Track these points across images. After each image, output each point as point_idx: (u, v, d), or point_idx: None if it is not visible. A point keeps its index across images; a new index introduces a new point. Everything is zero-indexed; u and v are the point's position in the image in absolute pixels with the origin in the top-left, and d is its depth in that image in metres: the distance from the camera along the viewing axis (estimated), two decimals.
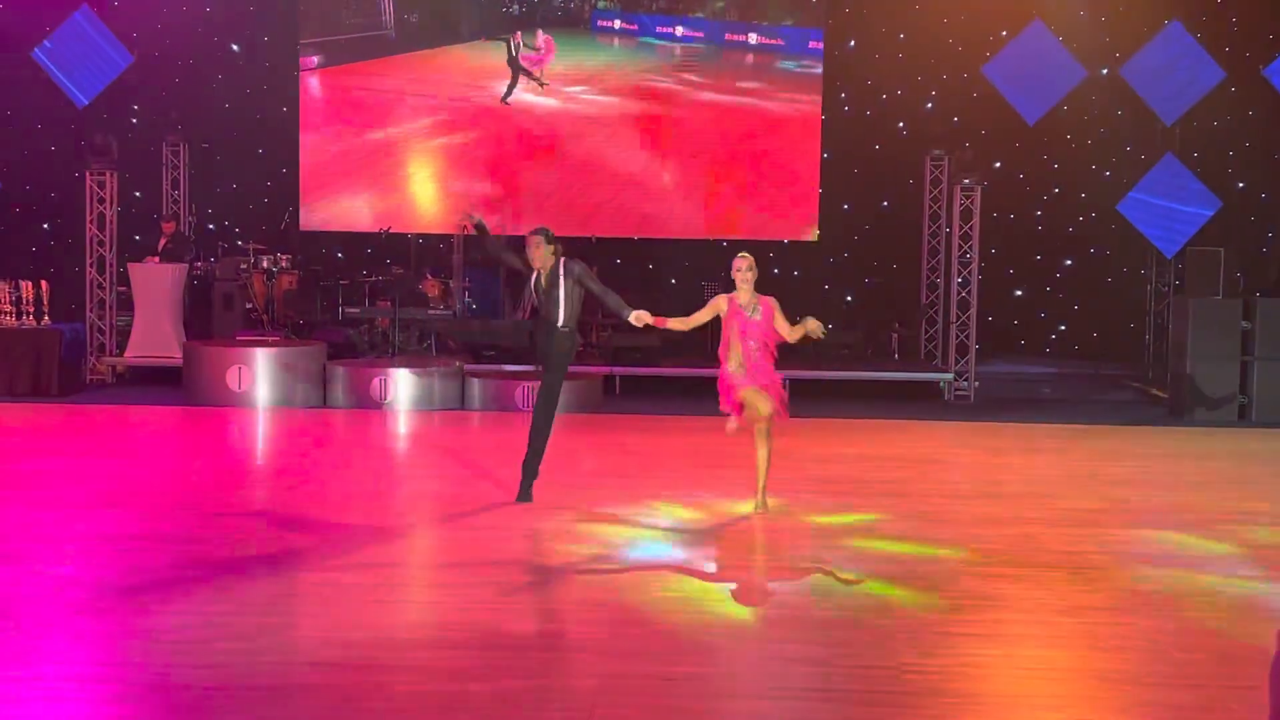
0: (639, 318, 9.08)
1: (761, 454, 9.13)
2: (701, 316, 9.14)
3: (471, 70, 18.79)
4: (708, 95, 18.75)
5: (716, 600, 7.15)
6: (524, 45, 18.62)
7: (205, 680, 5.65)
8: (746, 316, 8.96)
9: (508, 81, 18.62)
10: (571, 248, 9.68)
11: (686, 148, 18.69)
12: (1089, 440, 13.29)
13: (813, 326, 8.89)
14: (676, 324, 9.15)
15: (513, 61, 18.65)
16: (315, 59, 18.77)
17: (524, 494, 9.40)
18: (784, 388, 9.20)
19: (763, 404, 8.86)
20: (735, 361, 8.99)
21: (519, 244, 9.56)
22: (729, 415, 9.14)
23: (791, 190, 18.68)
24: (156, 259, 16.62)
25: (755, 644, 6.45)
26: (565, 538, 8.50)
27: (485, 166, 18.76)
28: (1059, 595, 7.33)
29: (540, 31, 18.66)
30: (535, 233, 9.30)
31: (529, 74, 18.59)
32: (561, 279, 9.17)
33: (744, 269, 8.97)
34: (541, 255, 9.22)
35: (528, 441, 9.42)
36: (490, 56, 18.72)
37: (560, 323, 9.21)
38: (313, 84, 18.80)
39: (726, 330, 9.02)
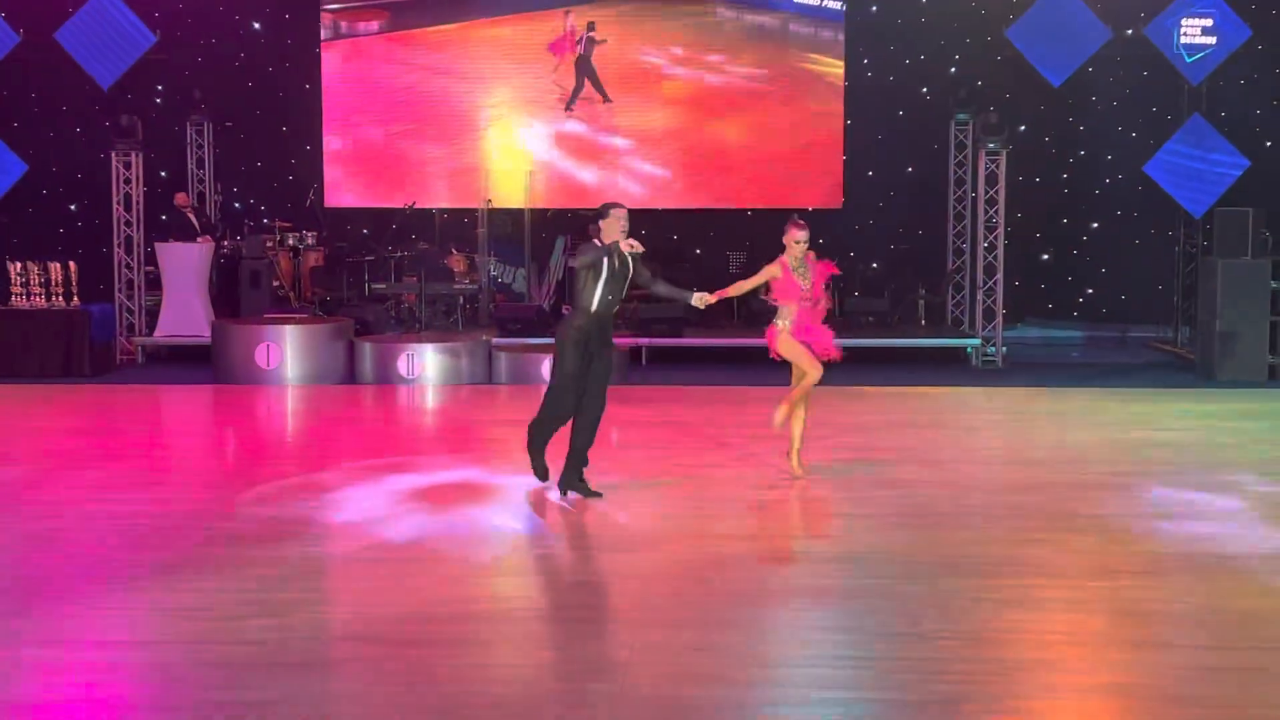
0: (701, 299, 8.84)
1: (801, 418, 9.15)
2: (755, 281, 9.11)
3: (499, 39, 18.81)
4: (729, 62, 18.67)
5: (747, 570, 7.17)
6: (594, 40, 18.49)
7: (239, 656, 5.70)
8: (797, 279, 8.97)
9: (574, 86, 18.62)
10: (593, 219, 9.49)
11: (709, 116, 18.65)
12: (1118, 403, 13.24)
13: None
14: (734, 290, 9.11)
15: (582, 62, 18.52)
16: (343, 24, 18.80)
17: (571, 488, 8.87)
18: (835, 346, 9.14)
19: (811, 369, 8.96)
20: (785, 320, 8.99)
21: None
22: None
23: (815, 157, 18.63)
24: (208, 238, 16.74)
25: (786, 613, 6.47)
26: (595, 510, 8.53)
27: (509, 135, 18.77)
28: (1090, 559, 7.33)
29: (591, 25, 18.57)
30: (620, 206, 8.68)
31: (597, 85, 18.47)
32: (629, 261, 8.52)
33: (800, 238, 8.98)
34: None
35: (581, 434, 8.73)
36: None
37: (616, 307, 8.76)
38: (336, 55, 18.82)
39: (779, 292, 9.00)
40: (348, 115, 18.88)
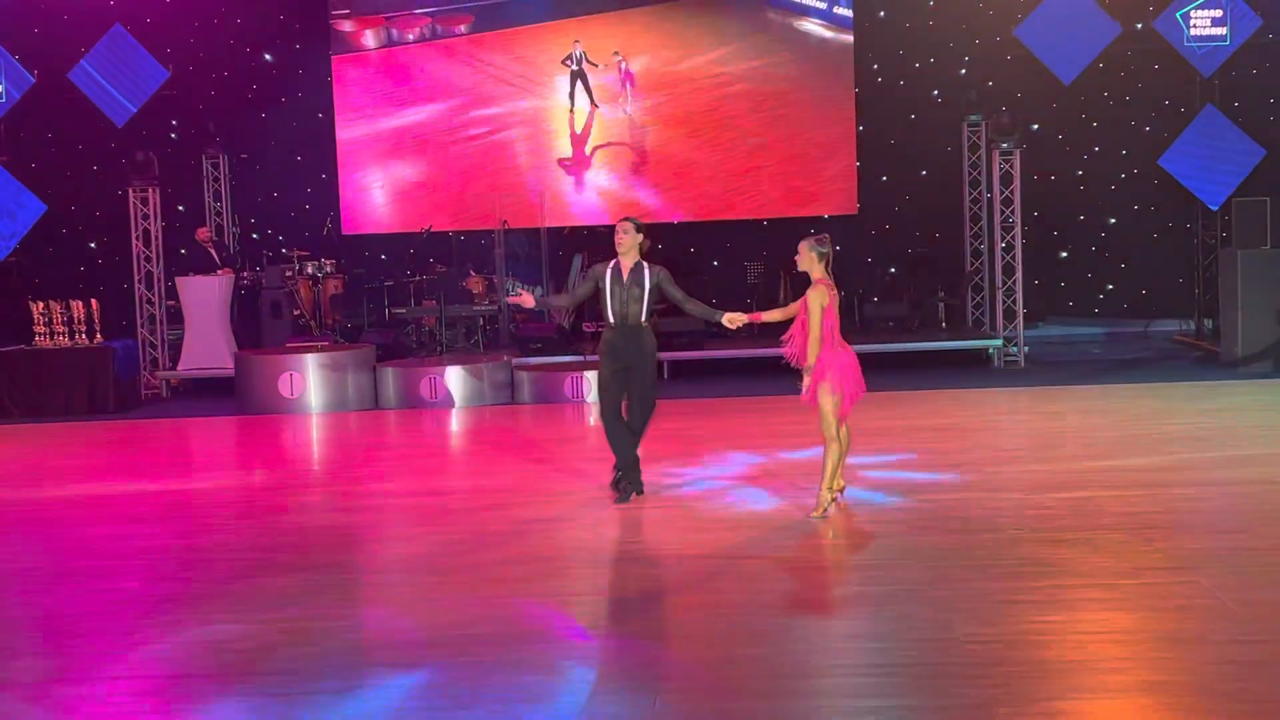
0: (732, 320, 8.82)
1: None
2: (792, 309, 8.59)
3: (514, 56, 18.89)
4: (740, 74, 18.68)
5: (776, 580, 7.16)
6: (585, 59, 18.60)
7: (274, 686, 5.72)
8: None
9: (569, 90, 18.80)
10: (609, 237, 9.48)
11: (721, 128, 18.67)
12: (1143, 399, 13.19)
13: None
14: (771, 316, 8.87)
15: (577, 74, 18.66)
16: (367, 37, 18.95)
17: (621, 488, 9.18)
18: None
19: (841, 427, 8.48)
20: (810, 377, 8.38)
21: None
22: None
23: (829, 165, 18.63)
24: (228, 270, 16.85)
25: (816, 622, 6.46)
26: (622, 526, 8.54)
27: (519, 157, 18.83)
28: (1119, 557, 7.30)
29: (617, 54, 18.63)
30: (626, 220, 9.00)
31: (588, 92, 18.63)
32: (647, 278, 8.87)
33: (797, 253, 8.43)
34: (629, 243, 8.88)
35: (619, 444, 9.09)
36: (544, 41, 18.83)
37: (643, 320, 8.92)
38: (347, 84, 18.92)
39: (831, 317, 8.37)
40: (361, 142, 18.96)
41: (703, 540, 8.11)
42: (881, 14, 18.97)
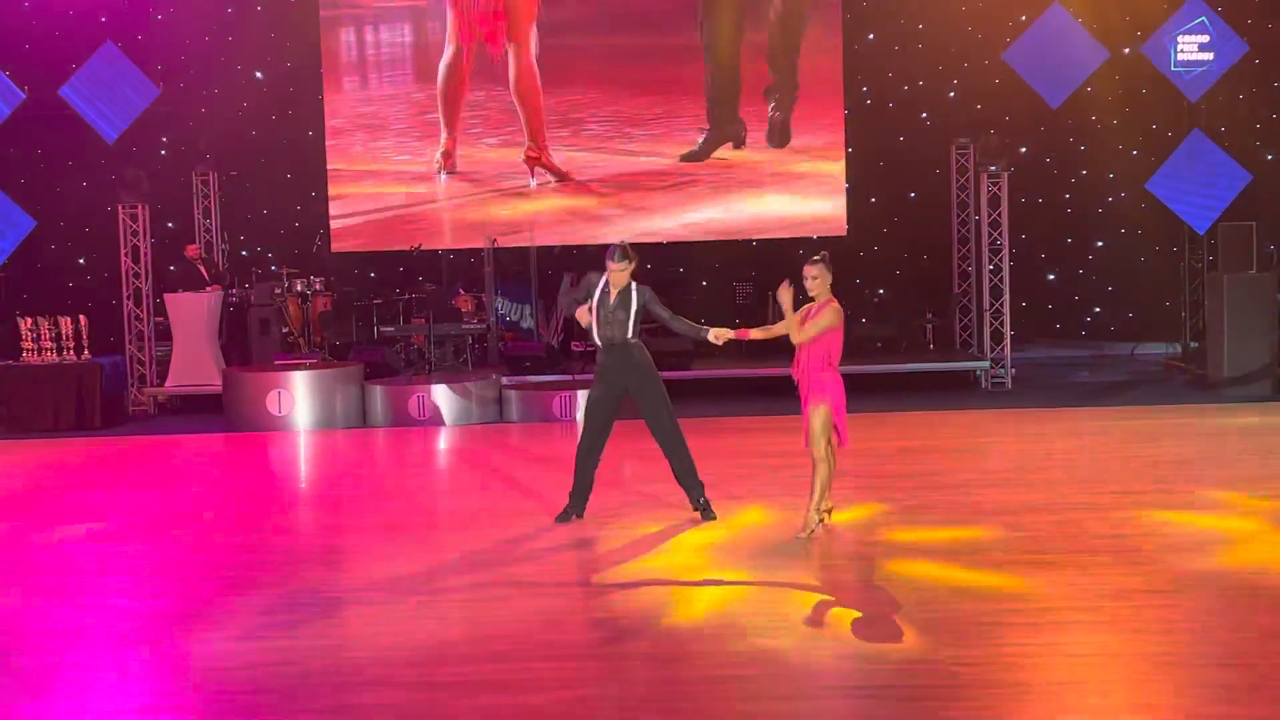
0: (718, 335, 8.84)
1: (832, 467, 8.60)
2: (782, 328, 8.61)
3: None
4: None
5: (762, 602, 7.17)
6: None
7: (260, 706, 5.72)
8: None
9: None
10: (598, 256, 9.49)
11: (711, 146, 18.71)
12: (1128, 421, 13.24)
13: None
14: (759, 333, 8.96)
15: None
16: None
17: (706, 510, 9.19)
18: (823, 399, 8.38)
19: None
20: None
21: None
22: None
23: (818, 185, 18.64)
24: (217, 287, 16.84)
25: (801, 644, 6.47)
26: (609, 546, 8.55)
27: (509, 175, 18.86)
28: (1104, 580, 7.32)
29: None
30: (619, 246, 9.02)
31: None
32: (634, 300, 8.91)
33: (809, 276, 8.45)
34: (620, 271, 8.91)
35: (673, 459, 9.18)
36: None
37: (629, 336, 8.95)
38: (338, 101, 18.93)
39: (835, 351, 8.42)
40: (351, 160, 18.95)
41: (687, 561, 8.11)
42: (871, 36, 19.05)
